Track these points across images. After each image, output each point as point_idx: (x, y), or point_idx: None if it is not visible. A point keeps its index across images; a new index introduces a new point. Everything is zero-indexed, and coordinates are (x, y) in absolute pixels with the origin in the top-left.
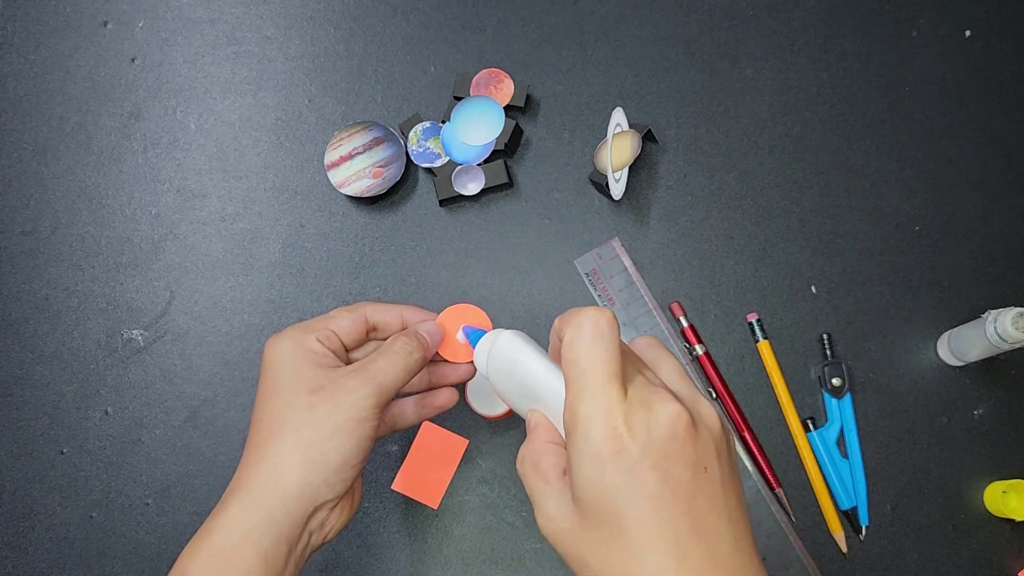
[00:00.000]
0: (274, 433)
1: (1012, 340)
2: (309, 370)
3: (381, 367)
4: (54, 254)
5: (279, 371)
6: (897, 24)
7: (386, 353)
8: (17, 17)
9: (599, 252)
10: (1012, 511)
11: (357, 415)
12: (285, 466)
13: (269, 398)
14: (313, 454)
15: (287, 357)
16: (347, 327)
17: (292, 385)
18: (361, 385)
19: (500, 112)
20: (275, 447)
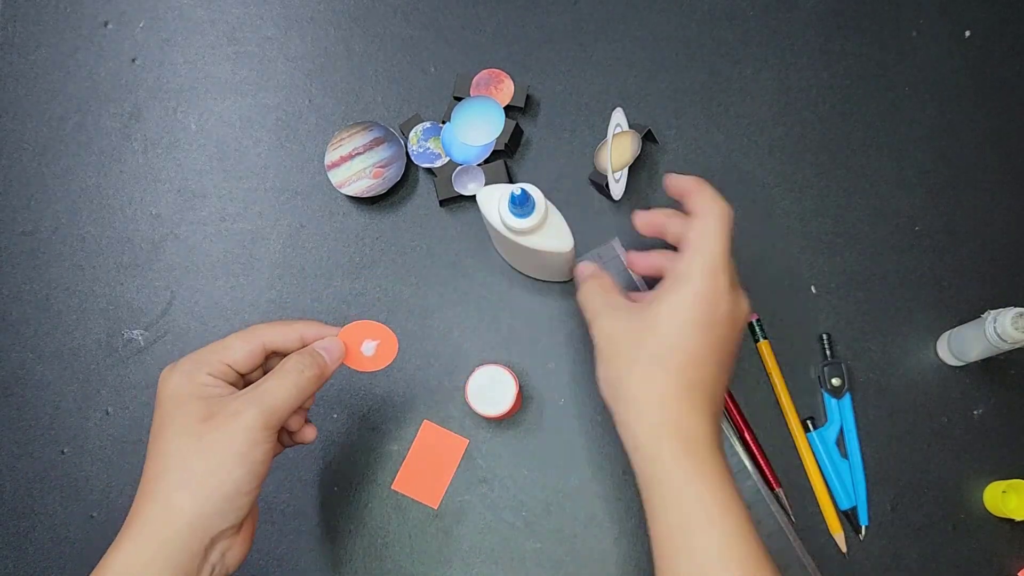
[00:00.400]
0: (165, 467)
1: (1012, 340)
2: (197, 401)
3: (270, 388)
4: (55, 254)
5: (169, 404)
6: (897, 24)
7: (276, 373)
8: (17, 17)
9: (599, 252)
10: (1012, 511)
11: (247, 439)
12: (176, 499)
13: (159, 432)
14: (204, 485)
15: (178, 389)
16: (242, 357)
17: (181, 417)
18: (248, 407)
19: (500, 112)
20: (165, 481)
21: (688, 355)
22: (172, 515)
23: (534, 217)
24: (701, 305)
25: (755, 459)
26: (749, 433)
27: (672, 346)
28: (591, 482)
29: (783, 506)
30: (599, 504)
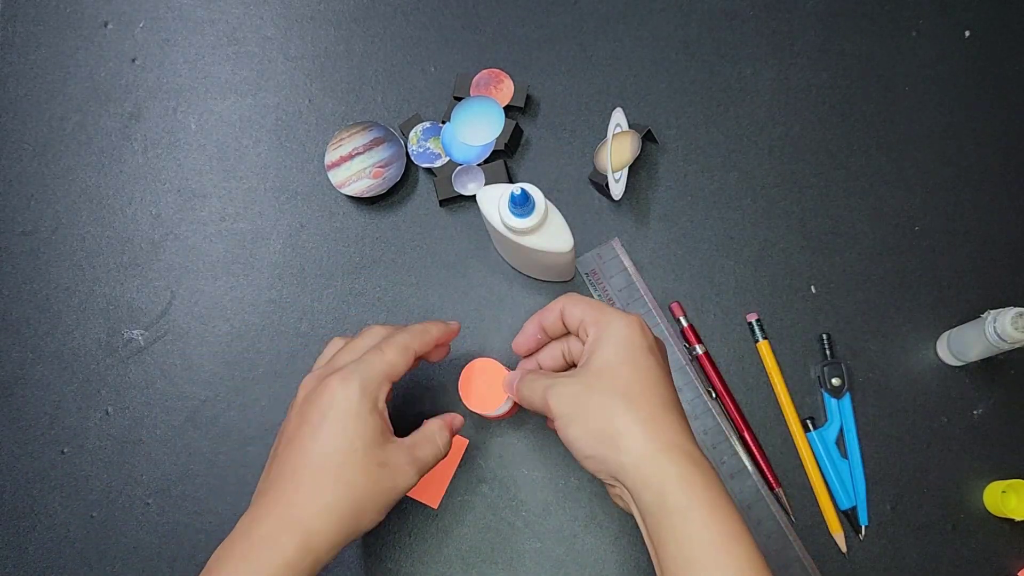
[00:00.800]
0: (339, 488)
1: (1011, 340)
2: (377, 439)
3: (426, 456)
4: (55, 254)
5: (350, 425)
6: (897, 24)
7: (430, 443)
8: (18, 17)
9: (599, 252)
10: (1011, 511)
11: (401, 495)
12: (338, 523)
13: (338, 449)
14: (362, 519)
15: (360, 415)
16: (402, 371)
17: (362, 452)
18: (413, 473)
19: (500, 112)
20: (336, 505)
21: (652, 378)
22: (331, 536)
23: (534, 217)
24: (636, 333)
25: (755, 459)
26: (749, 433)
27: (633, 377)
28: (591, 482)
29: (783, 506)
30: (599, 504)
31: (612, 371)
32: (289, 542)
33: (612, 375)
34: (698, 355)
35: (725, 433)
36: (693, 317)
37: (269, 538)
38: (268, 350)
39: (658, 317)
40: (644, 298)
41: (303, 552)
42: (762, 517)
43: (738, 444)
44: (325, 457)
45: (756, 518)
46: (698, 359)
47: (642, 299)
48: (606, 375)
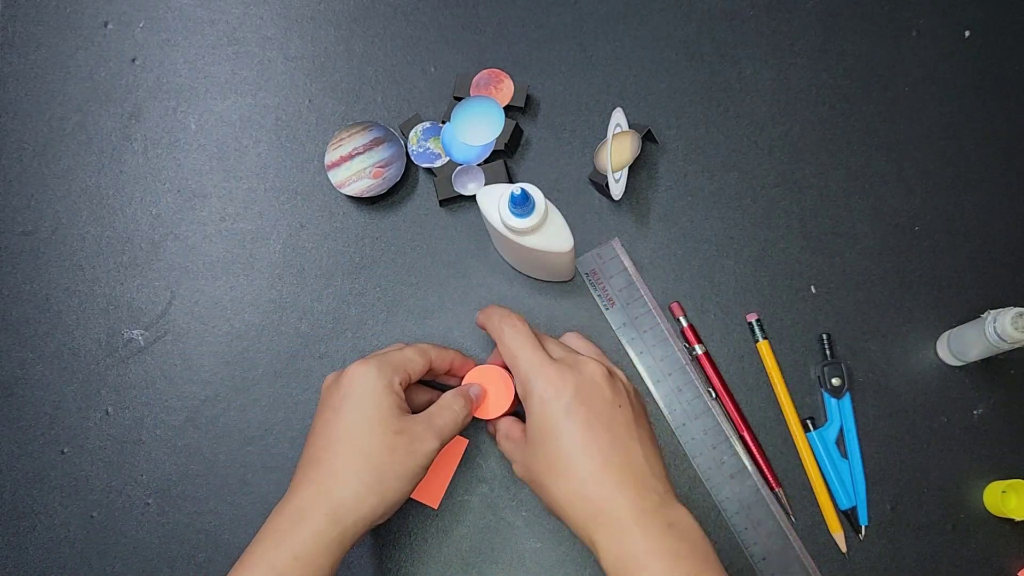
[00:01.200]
0: (361, 460)
1: (1011, 340)
2: (392, 411)
3: (446, 423)
4: (55, 254)
5: (368, 403)
6: (897, 24)
7: (448, 411)
8: (18, 17)
9: (599, 252)
10: (1011, 511)
11: (424, 462)
12: (365, 493)
13: (357, 425)
14: (387, 488)
15: (379, 392)
16: (419, 370)
17: (378, 423)
18: (432, 438)
19: (500, 112)
20: (359, 475)
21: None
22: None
23: (534, 217)
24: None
25: (755, 459)
26: (749, 433)
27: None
28: None
29: (783, 506)
30: None
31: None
32: (317, 513)
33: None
34: (698, 355)
35: (725, 433)
36: (693, 317)
37: (298, 512)
38: (268, 350)
39: (658, 317)
40: (644, 298)
41: (331, 523)
42: (762, 517)
43: (738, 444)
44: (345, 431)
45: (756, 518)
46: (698, 359)
47: (642, 299)
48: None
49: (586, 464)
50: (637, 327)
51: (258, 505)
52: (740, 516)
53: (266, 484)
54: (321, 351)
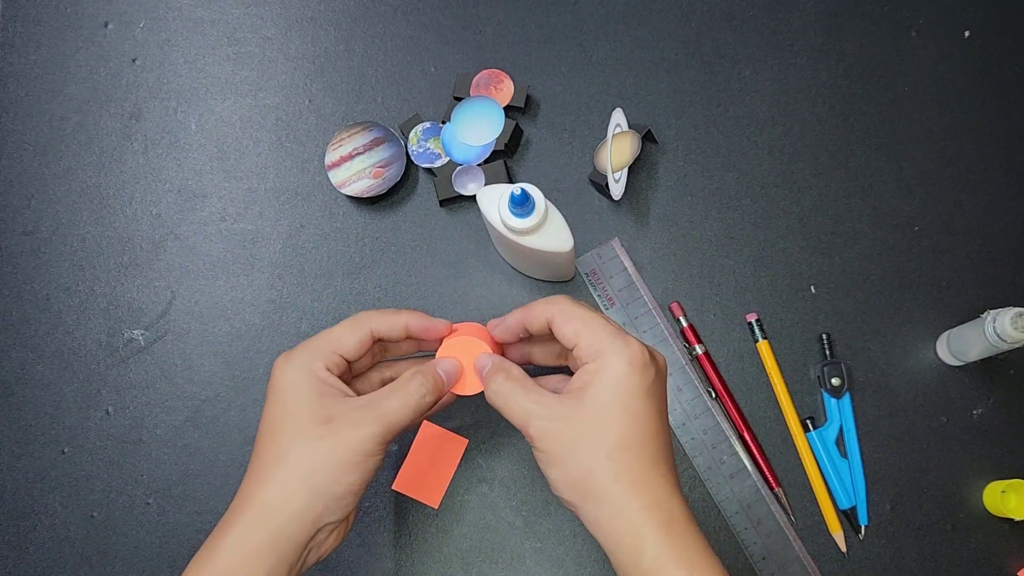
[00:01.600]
0: (280, 457)
1: (1011, 340)
2: (318, 399)
3: (392, 407)
4: (55, 254)
5: (288, 396)
6: (897, 24)
7: (399, 392)
8: (18, 18)
9: (599, 252)
10: (1011, 511)
11: (363, 450)
12: (291, 491)
13: (276, 422)
14: (318, 482)
15: (297, 383)
16: (353, 346)
17: (301, 413)
18: (369, 423)
19: (500, 112)
20: (281, 472)
21: (645, 429)
22: (287, 506)
23: (534, 217)
24: (636, 375)
25: (755, 459)
26: (749, 433)
27: (626, 430)
28: None
29: (783, 506)
30: None
31: (604, 419)
32: (240, 520)
33: (603, 423)
34: (698, 355)
35: (725, 433)
36: (693, 317)
37: (221, 524)
38: (268, 350)
39: (658, 317)
40: (644, 298)
41: (257, 526)
42: (762, 517)
43: (738, 444)
44: (266, 430)
45: (756, 518)
46: (698, 359)
47: (642, 299)
48: (596, 422)
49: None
50: (637, 327)
51: None
52: (740, 516)
53: None
54: None
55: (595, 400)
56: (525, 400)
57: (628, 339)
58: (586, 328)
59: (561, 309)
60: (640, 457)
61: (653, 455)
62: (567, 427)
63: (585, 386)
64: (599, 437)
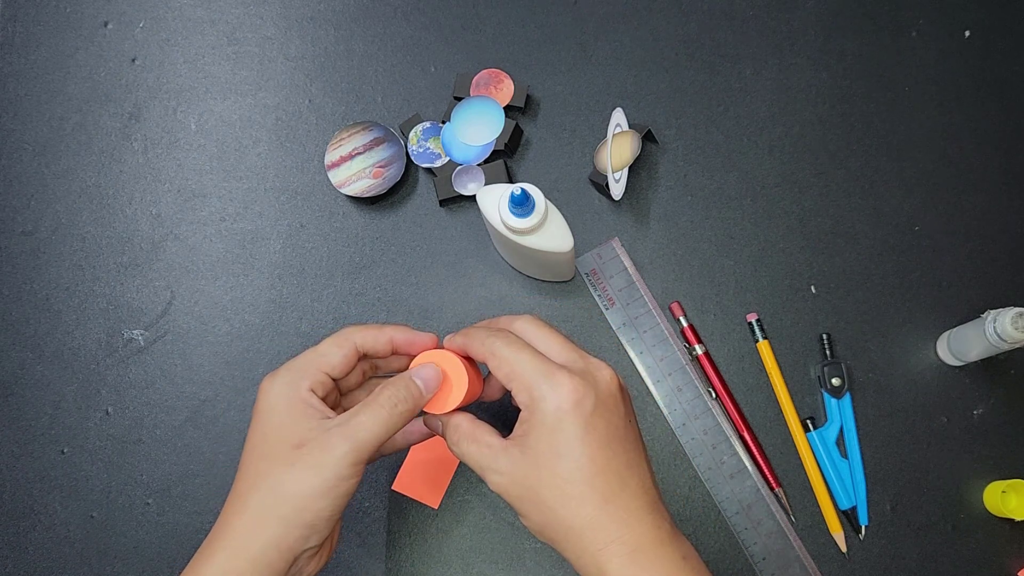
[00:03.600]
0: (255, 484)
1: (1011, 340)
2: (297, 423)
3: (363, 422)
4: (55, 254)
5: (268, 419)
6: (897, 24)
7: (370, 406)
8: (18, 17)
9: (599, 252)
10: (1011, 511)
11: (336, 475)
12: (264, 519)
13: (256, 446)
14: (287, 512)
15: (277, 405)
16: (338, 364)
17: (277, 437)
18: (341, 443)
19: (500, 112)
20: (255, 498)
21: (592, 466)
22: (261, 534)
23: (534, 217)
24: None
25: (755, 459)
26: (749, 433)
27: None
28: None
29: (783, 506)
30: None
31: (546, 468)
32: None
33: (546, 473)
34: (698, 355)
35: (725, 433)
36: (693, 317)
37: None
38: (268, 350)
39: (658, 317)
40: (644, 298)
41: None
42: (762, 517)
43: (738, 444)
44: (246, 455)
45: (756, 518)
46: (698, 359)
47: (642, 299)
48: (540, 472)
49: (602, 489)
50: (637, 327)
51: None
52: (740, 516)
53: None
54: None
55: (535, 451)
56: (477, 455)
57: (557, 376)
58: (515, 373)
59: (493, 352)
60: (590, 497)
61: (607, 487)
62: (517, 478)
63: (524, 435)
64: (546, 486)
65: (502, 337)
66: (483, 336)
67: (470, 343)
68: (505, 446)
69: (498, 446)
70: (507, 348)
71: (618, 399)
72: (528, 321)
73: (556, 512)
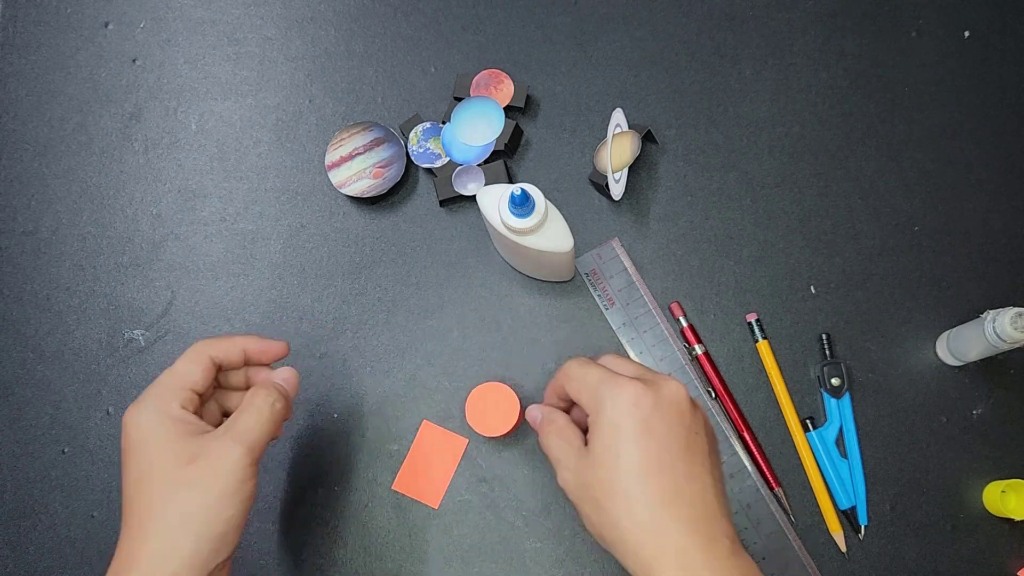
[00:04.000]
0: (155, 509)
1: (1011, 340)
2: (179, 442)
3: (248, 425)
4: (55, 254)
5: (148, 446)
6: (897, 24)
7: (249, 409)
8: (18, 18)
9: (599, 252)
10: (1011, 511)
11: (236, 478)
12: (175, 541)
13: (143, 475)
14: (200, 526)
15: (154, 431)
16: (200, 379)
17: (165, 460)
18: (233, 447)
19: (500, 112)
20: (159, 524)
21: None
22: (174, 556)
23: (534, 217)
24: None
25: (755, 459)
26: (749, 433)
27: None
28: None
29: (783, 506)
30: None
31: (603, 468)
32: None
33: (603, 473)
34: (698, 355)
35: (725, 433)
36: (693, 317)
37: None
38: None
39: (658, 317)
40: (644, 298)
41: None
42: (762, 517)
43: (738, 444)
44: (134, 488)
45: (756, 518)
46: (698, 359)
47: (642, 299)
48: (599, 473)
49: (656, 492)
50: (637, 327)
51: (258, 505)
52: (740, 516)
53: (265, 484)
54: (322, 351)
55: (594, 449)
56: (558, 451)
57: (620, 382)
58: (582, 384)
59: (566, 374)
60: (641, 498)
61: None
62: (580, 479)
63: (591, 437)
64: (601, 482)
65: (575, 360)
66: (558, 376)
67: (554, 384)
68: (579, 447)
69: (578, 445)
70: (578, 367)
71: (683, 410)
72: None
73: (608, 511)
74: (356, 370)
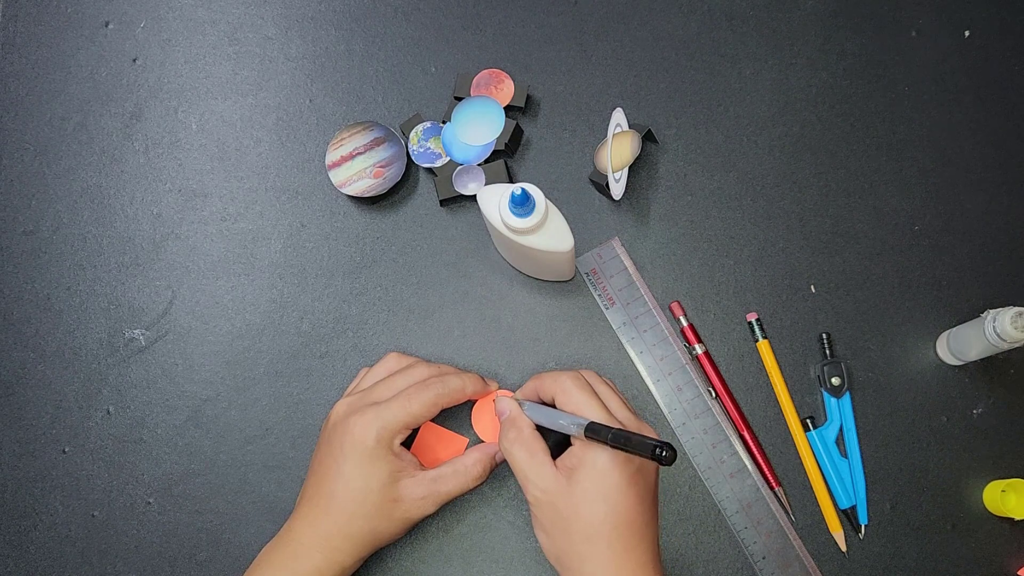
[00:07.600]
0: (353, 517)
1: (1011, 339)
2: (391, 477)
3: (448, 489)
4: (56, 254)
5: (367, 468)
6: (897, 24)
7: (456, 476)
8: (19, 17)
9: (599, 252)
10: (1011, 510)
11: (418, 520)
12: (358, 545)
13: (355, 488)
14: (378, 541)
15: (376, 458)
16: (423, 421)
17: (377, 490)
18: (430, 506)
19: (500, 112)
20: (352, 528)
21: (622, 519)
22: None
23: (534, 217)
24: (616, 470)
25: (755, 458)
26: (749, 432)
27: (605, 517)
28: None
29: (783, 505)
30: None
31: (585, 505)
32: (318, 554)
33: (583, 510)
34: (698, 355)
35: (725, 432)
36: (693, 317)
37: (302, 549)
38: (269, 349)
39: (658, 317)
40: (644, 298)
41: (329, 562)
42: (762, 516)
43: (738, 443)
44: (347, 492)
45: (756, 517)
46: (698, 359)
47: (642, 299)
48: (578, 507)
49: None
50: (637, 326)
51: (259, 504)
52: (740, 515)
53: (267, 483)
54: (322, 351)
55: (580, 486)
56: (527, 464)
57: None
58: (580, 412)
59: (564, 389)
60: (615, 543)
61: (631, 538)
62: (555, 503)
63: (573, 469)
64: (579, 521)
65: (572, 379)
66: (554, 376)
67: (542, 384)
68: (554, 471)
69: (548, 466)
70: (577, 391)
71: (653, 470)
72: (588, 373)
73: (578, 547)
74: (357, 370)
